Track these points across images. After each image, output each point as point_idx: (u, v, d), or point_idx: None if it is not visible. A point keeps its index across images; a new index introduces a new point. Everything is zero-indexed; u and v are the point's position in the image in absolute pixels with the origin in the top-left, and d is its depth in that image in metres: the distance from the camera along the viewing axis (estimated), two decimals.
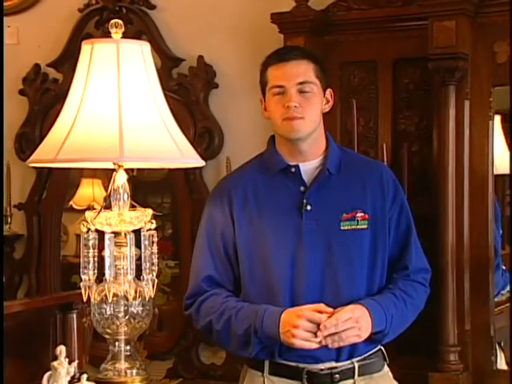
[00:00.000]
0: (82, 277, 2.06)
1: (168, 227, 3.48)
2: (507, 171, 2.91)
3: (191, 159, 2.13)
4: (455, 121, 2.70)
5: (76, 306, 2.38)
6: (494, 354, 2.71)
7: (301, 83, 2.10)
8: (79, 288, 2.06)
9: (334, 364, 2.09)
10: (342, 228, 2.11)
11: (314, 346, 1.99)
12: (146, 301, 2.10)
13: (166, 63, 3.27)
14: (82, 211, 2.13)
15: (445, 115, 2.69)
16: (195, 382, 3.20)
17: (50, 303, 2.47)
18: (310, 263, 2.09)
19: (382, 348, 2.18)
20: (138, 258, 2.11)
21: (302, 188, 2.14)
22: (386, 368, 2.20)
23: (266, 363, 2.12)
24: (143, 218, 2.08)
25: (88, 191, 3.65)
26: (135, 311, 2.08)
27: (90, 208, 2.11)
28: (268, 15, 2.96)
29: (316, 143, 2.18)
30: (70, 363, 1.90)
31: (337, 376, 2.09)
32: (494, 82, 2.70)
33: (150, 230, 2.09)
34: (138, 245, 2.10)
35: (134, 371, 2.09)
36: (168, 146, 2.06)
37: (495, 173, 2.78)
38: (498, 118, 2.84)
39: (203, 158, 2.53)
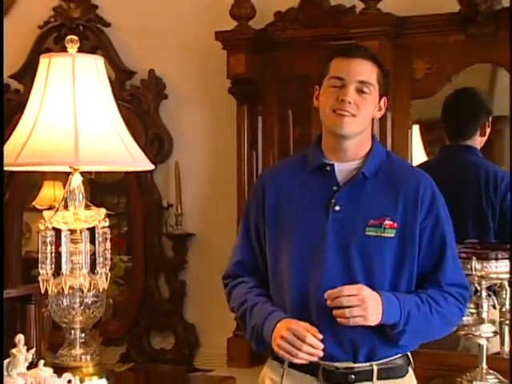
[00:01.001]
0: (40, 271, 2.04)
1: (123, 225, 3.45)
2: None
3: (141, 163, 2.11)
4: (379, 129, 2.71)
5: (35, 298, 2.34)
6: None
7: (361, 82, 1.87)
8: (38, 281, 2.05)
9: (351, 364, 1.87)
10: (366, 233, 1.88)
11: (296, 360, 1.81)
12: (100, 292, 2.08)
13: (120, 76, 3.25)
14: (45, 211, 2.10)
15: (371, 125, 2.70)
16: (146, 365, 3.18)
17: (11, 295, 2.42)
18: (329, 264, 1.88)
19: (409, 354, 1.94)
20: (93, 254, 2.09)
21: (334, 187, 1.92)
22: (410, 374, 1.94)
23: None
24: (97, 217, 2.06)
25: (50, 192, 3.60)
26: (90, 302, 2.06)
27: (51, 208, 2.08)
28: (213, 33, 2.96)
29: (360, 144, 1.94)
30: (28, 350, 1.86)
31: (352, 376, 1.87)
32: (413, 95, 2.74)
33: (103, 227, 2.07)
34: (92, 241, 2.09)
35: (89, 357, 2.06)
36: (120, 151, 2.04)
37: None
38: (416, 128, 2.86)
39: (154, 162, 2.51)
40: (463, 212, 2.70)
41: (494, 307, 2.48)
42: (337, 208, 1.89)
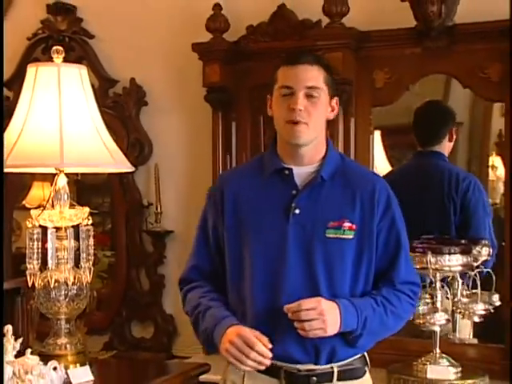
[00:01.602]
0: (28, 266, 2.04)
1: (108, 222, 3.43)
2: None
3: (123, 165, 2.12)
4: (343, 134, 2.74)
5: (23, 291, 2.33)
6: None
7: (309, 87, 1.80)
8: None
9: (312, 366, 1.80)
10: (326, 235, 1.80)
11: (243, 367, 1.74)
12: (84, 285, 2.08)
13: (103, 84, 3.23)
14: (35, 210, 2.09)
15: (335, 130, 2.72)
16: (128, 353, 3.16)
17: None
18: (291, 267, 1.79)
19: (366, 354, 1.89)
20: (77, 249, 2.09)
21: (293, 191, 1.83)
22: (368, 375, 1.91)
23: None
24: (81, 215, 2.07)
25: (39, 192, 3.57)
26: (74, 294, 2.07)
27: (40, 207, 2.08)
28: (189, 45, 2.95)
29: (316, 149, 1.87)
30: (16, 340, 1.86)
31: (314, 378, 1.80)
32: (374, 103, 2.75)
33: (87, 225, 2.08)
34: (76, 238, 2.08)
35: (73, 345, 2.07)
36: (102, 154, 2.05)
37: None
38: (378, 133, 2.89)
39: (135, 164, 2.52)
40: (429, 210, 2.78)
41: (447, 297, 2.51)
42: (297, 211, 1.81)
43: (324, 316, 1.71)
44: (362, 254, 1.82)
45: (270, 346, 1.73)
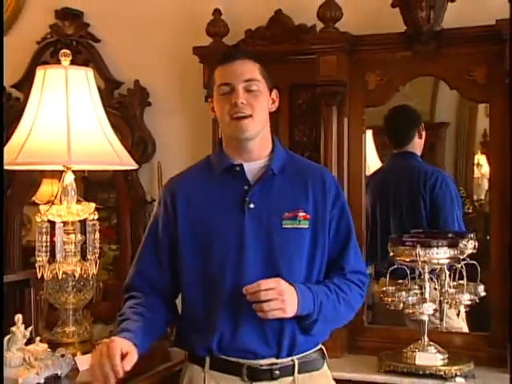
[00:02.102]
0: (37, 258, 2.04)
1: (113, 217, 3.42)
2: None
3: (127, 163, 2.12)
4: (337, 133, 2.72)
5: (32, 282, 2.33)
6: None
7: (247, 80, 1.76)
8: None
9: (274, 360, 1.74)
10: (283, 226, 1.75)
11: (92, 378, 1.59)
12: (90, 277, 2.08)
13: (109, 85, 3.22)
14: (44, 205, 2.09)
15: (329, 129, 2.71)
16: None
17: (12, 280, 2.41)
18: (251, 261, 1.73)
19: (323, 347, 1.86)
20: (84, 243, 2.08)
21: (245, 187, 1.78)
22: (326, 367, 1.86)
23: (207, 359, 1.76)
24: (87, 210, 2.07)
25: (48, 189, 3.56)
26: (81, 286, 2.07)
27: (49, 203, 2.08)
28: (191, 49, 2.94)
29: (263, 142, 1.82)
30: (26, 328, 1.86)
31: (277, 372, 1.74)
32: (366, 103, 2.73)
33: (93, 220, 2.07)
34: (83, 232, 2.08)
35: (80, 334, 2.07)
36: (108, 152, 2.04)
37: (367, 173, 2.81)
38: (370, 132, 2.88)
39: (139, 162, 2.52)
40: (402, 205, 2.83)
41: (435, 288, 2.51)
42: (251, 206, 1.76)
43: (283, 296, 1.65)
44: (316, 243, 1.78)
45: (121, 375, 1.58)
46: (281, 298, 1.65)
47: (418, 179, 2.81)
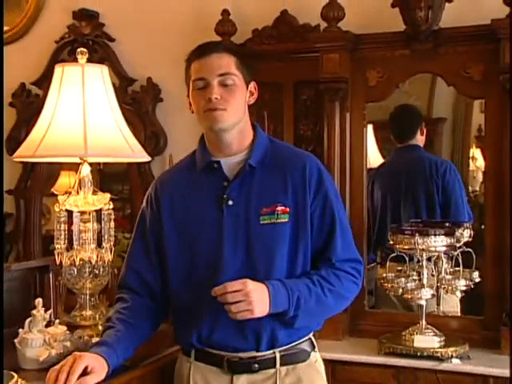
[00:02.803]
0: (56, 246, 2.04)
1: (127, 208, 3.42)
2: (376, 166, 2.97)
3: (140, 156, 2.11)
4: (340, 128, 2.71)
5: (52, 268, 2.33)
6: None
7: (222, 75, 1.63)
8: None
9: (254, 354, 1.64)
10: (261, 222, 1.63)
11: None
12: (105, 264, 2.08)
13: (123, 82, 3.21)
14: (62, 196, 2.09)
15: (332, 124, 2.70)
16: None
17: (32, 266, 2.41)
18: (229, 260, 1.62)
19: (312, 337, 1.73)
20: (100, 231, 2.08)
21: (225, 183, 1.67)
22: (314, 358, 1.72)
23: (192, 351, 1.70)
24: (103, 201, 2.06)
25: (66, 180, 3.56)
26: (97, 272, 2.06)
27: (67, 193, 2.08)
28: None
29: (241, 135, 1.69)
30: (46, 311, 1.86)
31: (255, 366, 1.64)
32: (367, 99, 2.72)
33: (108, 209, 2.07)
34: (99, 221, 2.08)
35: (97, 317, 2.07)
36: (122, 146, 2.03)
37: (368, 166, 2.80)
38: (370, 127, 2.87)
39: (151, 155, 2.51)
40: (417, 195, 2.83)
41: (433, 275, 2.51)
42: (230, 202, 1.64)
43: (250, 297, 1.53)
44: (298, 236, 1.64)
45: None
46: (248, 299, 1.53)
47: (430, 168, 2.82)
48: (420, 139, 2.90)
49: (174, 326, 1.76)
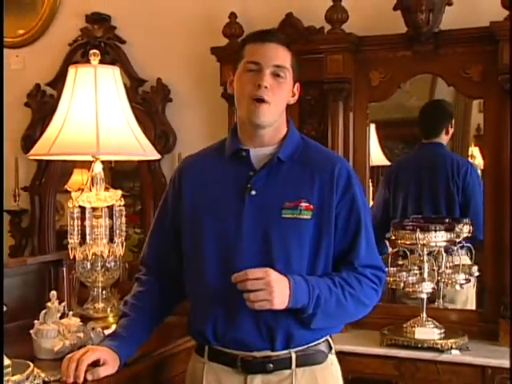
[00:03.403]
0: (69, 241, 2.04)
1: (137, 204, 3.43)
2: (379, 163, 2.96)
3: (150, 154, 2.11)
4: (343, 127, 2.70)
5: (65, 262, 2.33)
6: None
7: (277, 66, 1.54)
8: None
9: (269, 353, 1.53)
10: (283, 216, 1.53)
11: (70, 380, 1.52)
12: (117, 258, 2.08)
13: (134, 83, 3.21)
14: (75, 193, 2.09)
15: (336, 123, 2.69)
16: None
17: (47, 260, 2.42)
18: (246, 250, 1.53)
19: (329, 339, 1.62)
20: (111, 227, 2.08)
21: (250, 173, 1.57)
22: (331, 360, 1.61)
23: (206, 349, 1.60)
24: (114, 197, 2.06)
25: (78, 178, 3.57)
26: (109, 266, 2.07)
27: (80, 190, 2.08)
28: (208, 49, 2.93)
29: (275, 131, 1.60)
30: (60, 304, 1.86)
31: (270, 365, 1.53)
32: (370, 99, 2.71)
33: (119, 206, 2.07)
34: (111, 217, 2.08)
35: (108, 309, 2.07)
36: (133, 144, 2.03)
37: (371, 164, 2.80)
38: (373, 126, 2.86)
39: (161, 153, 2.51)
40: (437, 192, 2.80)
41: (433, 269, 2.50)
42: (253, 192, 1.55)
43: (271, 287, 1.43)
44: (320, 235, 1.55)
45: (90, 378, 1.53)
46: (269, 289, 1.43)
47: (452, 168, 2.78)
48: (445, 138, 2.85)
49: (188, 318, 1.69)
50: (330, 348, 1.62)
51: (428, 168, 2.85)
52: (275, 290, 1.43)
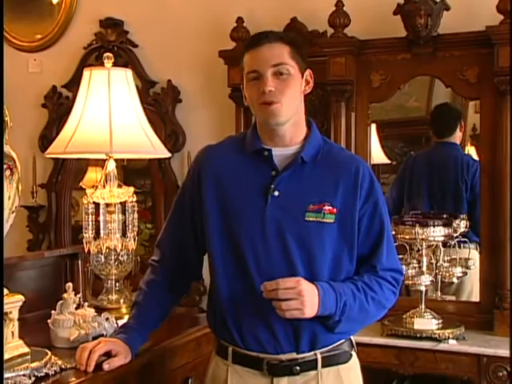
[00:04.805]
0: (84, 235, 2.04)
1: (149, 200, 3.42)
2: (380, 162, 2.95)
3: (161, 152, 2.10)
4: (345, 126, 2.69)
5: (80, 256, 2.33)
6: None
7: (275, 65, 1.45)
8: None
9: (294, 355, 1.47)
10: (306, 219, 1.45)
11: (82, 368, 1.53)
12: (129, 252, 2.08)
13: (145, 85, 3.21)
14: (89, 189, 2.09)
15: (338, 123, 2.68)
16: None
17: (63, 253, 2.42)
18: (268, 251, 1.45)
19: (352, 338, 1.57)
20: (124, 222, 2.08)
21: (273, 173, 1.49)
22: (354, 359, 1.56)
23: (230, 351, 1.51)
24: (127, 194, 2.06)
25: (93, 175, 3.56)
26: (122, 259, 2.06)
27: (94, 187, 2.08)
28: (216, 52, 2.92)
29: (296, 127, 1.51)
30: (75, 295, 1.86)
31: (297, 368, 1.47)
32: (371, 100, 2.70)
33: (132, 202, 2.06)
34: (123, 212, 2.08)
35: (122, 300, 2.07)
36: (144, 143, 2.03)
37: (372, 163, 2.78)
38: (374, 126, 2.85)
39: (171, 151, 2.50)
40: (446, 188, 2.81)
41: (431, 262, 2.50)
42: (276, 193, 1.47)
43: (303, 297, 1.37)
44: (343, 239, 1.48)
45: (91, 369, 1.52)
46: (300, 298, 1.37)
47: (462, 167, 2.78)
48: (458, 136, 2.84)
49: (211, 319, 1.59)
50: (352, 346, 1.58)
51: (440, 165, 2.85)
52: (306, 299, 1.38)
